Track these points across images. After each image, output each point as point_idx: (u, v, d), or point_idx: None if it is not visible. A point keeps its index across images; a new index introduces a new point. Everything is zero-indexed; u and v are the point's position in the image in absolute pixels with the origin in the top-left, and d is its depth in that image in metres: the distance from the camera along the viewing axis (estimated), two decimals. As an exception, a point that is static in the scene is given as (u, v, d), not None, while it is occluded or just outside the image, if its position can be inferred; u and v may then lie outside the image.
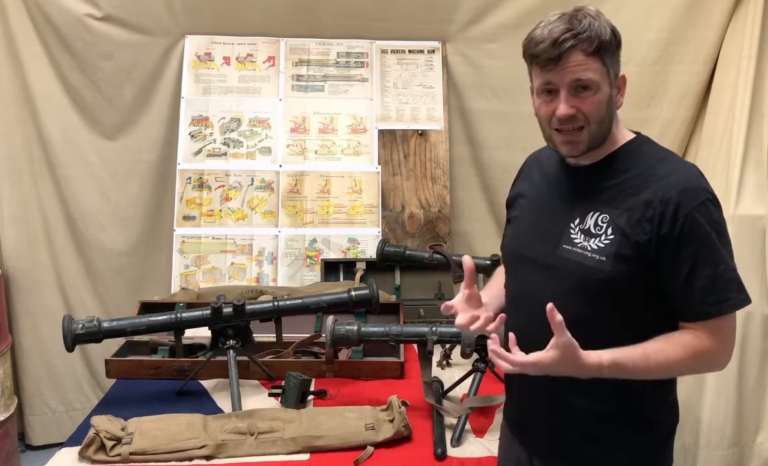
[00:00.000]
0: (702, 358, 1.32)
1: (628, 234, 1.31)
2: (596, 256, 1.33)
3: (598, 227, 1.35)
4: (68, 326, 2.10)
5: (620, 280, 1.32)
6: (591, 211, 1.37)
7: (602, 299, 1.34)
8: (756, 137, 2.64)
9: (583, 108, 1.32)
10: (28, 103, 3.03)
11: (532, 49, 1.35)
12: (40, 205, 3.11)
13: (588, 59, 1.30)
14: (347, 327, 2.13)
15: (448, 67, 3.20)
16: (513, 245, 1.53)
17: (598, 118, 1.33)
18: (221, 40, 3.18)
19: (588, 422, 1.41)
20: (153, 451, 1.85)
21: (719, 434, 2.60)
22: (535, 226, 1.48)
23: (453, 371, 2.40)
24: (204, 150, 3.11)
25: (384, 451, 1.90)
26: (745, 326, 2.53)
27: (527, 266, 1.46)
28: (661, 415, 1.44)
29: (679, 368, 1.33)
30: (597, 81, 1.31)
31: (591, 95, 1.32)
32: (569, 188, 1.44)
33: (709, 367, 1.39)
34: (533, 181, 1.55)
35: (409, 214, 3.13)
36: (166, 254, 3.07)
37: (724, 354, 1.35)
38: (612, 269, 1.32)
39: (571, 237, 1.38)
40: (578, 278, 1.35)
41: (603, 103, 1.33)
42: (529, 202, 1.53)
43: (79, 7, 2.97)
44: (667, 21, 2.92)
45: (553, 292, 1.34)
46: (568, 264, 1.37)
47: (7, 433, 2.83)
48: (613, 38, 1.33)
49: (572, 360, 1.25)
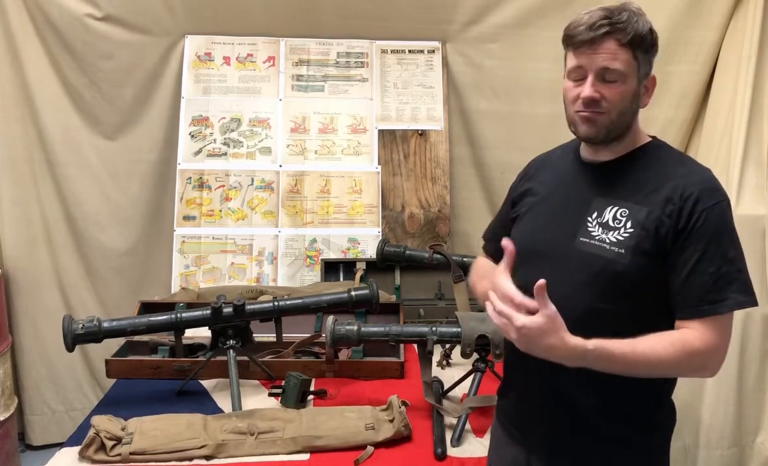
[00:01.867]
0: (691, 358, 1.30)
1: (648, 228, 1.33)
2: (615, 248, 1.35)
3: (617, 221, 1.36)
4: (68, 326, 2.10)
5: (637, 273, 1.33)
6: (610, 205, 1.39)
7: (615, 292, 1.35)
8: (756, 137, 2.64)
9: (607, 95, 1.35)
10: (28, 103, 3.03)
11: (569, 30, 1.38)
12: (40, 205, 3.11)
13: (620, 49, 1.33)
14: (347, 327, 2.13)
15: (448, 67, 3.20)
16: (526, 241, 1.50)
17: (620, 108, 1.36)
18: (221, 40, 3.18)
19: (589, 421, 1.41)
20: (153, 451, 1.85)
21: (719, 434, 2.60)
22: (549, 221, 1.48)
23: (453, 371, 2.40)
24: (204, 150, 3.11)
25: (384, 451, 1.90)
26: (745, 325, 2.53)
27: (540, 260, 1.45)
28: (662, 416, 1.44)
29: (666, 365, 1.31)
30: (624, 72, 1.34)
31: (617, 85, 1.35)
32: (585, 184, 1.45)
33: (698, 369, 1.37)
34: (542, 180, 1.55)
35: (409, 214, 3.13)
36: (166, 254, 3.07)
37: (716, 359, 1.33)
38: (630, 262, 1.33)
39: (589, 230, 1.39)
40: (596, 269, 1.36)
41: (627, 96, 1.36)
42: (540, 199, 1.53)
43: (79, 7, 2.97)
44: (667, 21, 2.92)
45: (567, 283, 1.36)
46: (584, 256, 1.38)
47: (7, 433, 2.83)
48: (650, 37, 1.36)
49: (556, 333, 1.25)
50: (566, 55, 1.42)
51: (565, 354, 1.27)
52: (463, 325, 2.08)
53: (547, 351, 1.27)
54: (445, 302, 2.86)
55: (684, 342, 1.30)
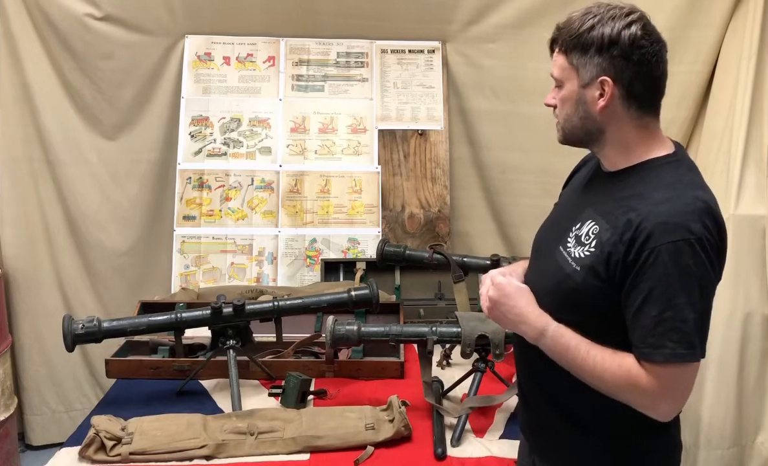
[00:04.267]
0: (635, 390, 1.27)
1: (604, 251, 1.30)
2: (573, 265, 1.35)
3: (587, 237, 1.35)
4: (68, 326, 2.10)
5: (588, 294, 1.32)
6: (590, 219, 1.37)
7: (572, 308, 1.35)
8: (756, 137, 2.64)
9: (554, 102, 1.39)
10: (28, 103, 3.03)
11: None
12: (40, 205, 3.11)
13: (558, 55, 1.37)
14: (347, 327, 2.13)
15: (448, 67, 3.20)
16: (536, 236, 1.58)
17: (563, 113, 1.38)
18: (221, 40, 3.18)
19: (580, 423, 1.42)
20: (153, 451, 1.85)
21: (719, 434, 2.60)
22: (552, 223, 1.53)
23: (453, 371, 2.40)
24: (204, 150, 3.11)
25: (384, 451, 1.90)
26: (745, 326, 2.53)
27: (535, 259, 1.53)
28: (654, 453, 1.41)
29: (608, 382, 1.29)
30: (559, 77, 1.37)
31: (557, 91, 1.39)
32: (588, 193, 1.46)
33: (643, 406, 1.29)
34: (576, 178, 1.58)
35: (409, 214, 3.13)
36: (166, 254, 3.06)
37: (664, 403, 1.27)
38: (582, 282, 1.33)
39: (567, 241, 1.40)
40: (557, 281, 1.38)
41: (568, 100, 1.37)
42: (563, 197, 1.59)
43: (79, 7, 2.97)
44: (667, 21, 2.91)
45: (540, 288, 1.42)
46: (555, 265, 1.40)
47: (7, 433, 2.83)
48: (590, 36, 1.30)
49: (527, 298, 1.39)
50: None
51: (531, 321, 1.37)
52: (463, 325, 2.08)
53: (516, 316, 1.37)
54: (445, 302, 2.86)
55: (630, 372, 1.27)
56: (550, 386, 1.44)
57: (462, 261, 2.65)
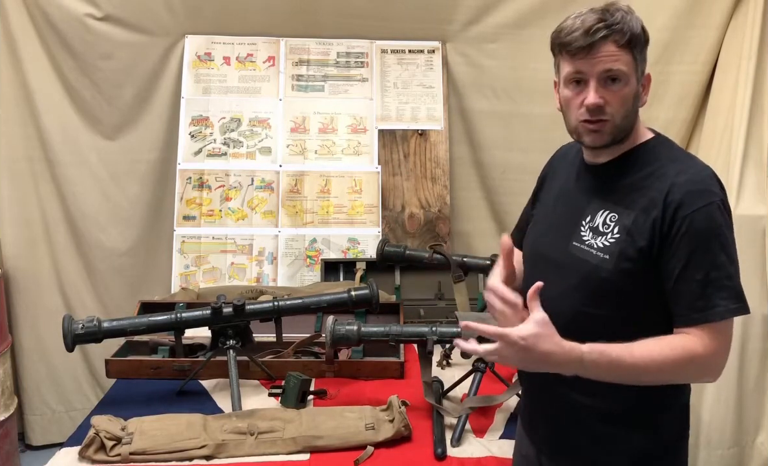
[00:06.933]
0: (691, 363, 1.28)
1: (632, 233, 1.31)
2: (600, 254, 1.34)
3: (606, 226, 1.36)
4: (68, 326, 2.10)
5: (622, 280, 1.32)
6: (602, 209, 1.38)
7: (605, 298, 1.34)
8: (756, 137, 2.64)
9: (610, 99, 1.33)
10: (28, 103, 3.03)
11: (562, 38, 1.35)
12: (40, 205, 3.11)
13: (619, 51, 1.31)
14: (347, 327, 2.13)
15: (448, 67, 3.20)
16: (532, 242, 1.54)
17: (624, 112, 1.34)
18: (221, 40, 3.18)
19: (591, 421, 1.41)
20: (153, 451, 1.85)
21: (719, 434, 2.60)
22: (552, 223, 1.50)
23: (453, 371, 2.40)
24: (204, 150, 3.11)
25: (384, 451, 1.90)
26: (745, 325, 2.53)
27: (542, 263, 1.47)
28: (668, 418, 1.42)
29: (666, 370, 1.28)
30: (627, 73, 1.32)
31: (620, 88, 1.33)
32: (585, 187, 1.45)
33: (700, 374, 1.34)
34: (559, 177, 1.56)
35: (409, 214, 3.13)
36: (166, 254, 3.06)
37: (716, 363, 1.31)
38: (614, 268, 1.32)
39: (581, 235, 1.39)
40: (584, 274, 1.36)
41: (630, 97, 1.34)
42: (549, 201, 1.55)
43: (79, 7, 2.97)
44: (667, 21, 2.92)
45: (561, 289, 1.37)
46: (575, 261, 1.38)
47: (7, 433, 2.83)
48: (643, 35, 1.35)
49: (551, 338, 1.24)
50: (559, 63, 1.39)
51: (562, 359, 1.25)
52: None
53: (545, 358, 1.25)
54: (445, 302, 2.86)
55: (684, 347, 1.28)
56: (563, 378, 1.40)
57: (462, 261, 2.65)
